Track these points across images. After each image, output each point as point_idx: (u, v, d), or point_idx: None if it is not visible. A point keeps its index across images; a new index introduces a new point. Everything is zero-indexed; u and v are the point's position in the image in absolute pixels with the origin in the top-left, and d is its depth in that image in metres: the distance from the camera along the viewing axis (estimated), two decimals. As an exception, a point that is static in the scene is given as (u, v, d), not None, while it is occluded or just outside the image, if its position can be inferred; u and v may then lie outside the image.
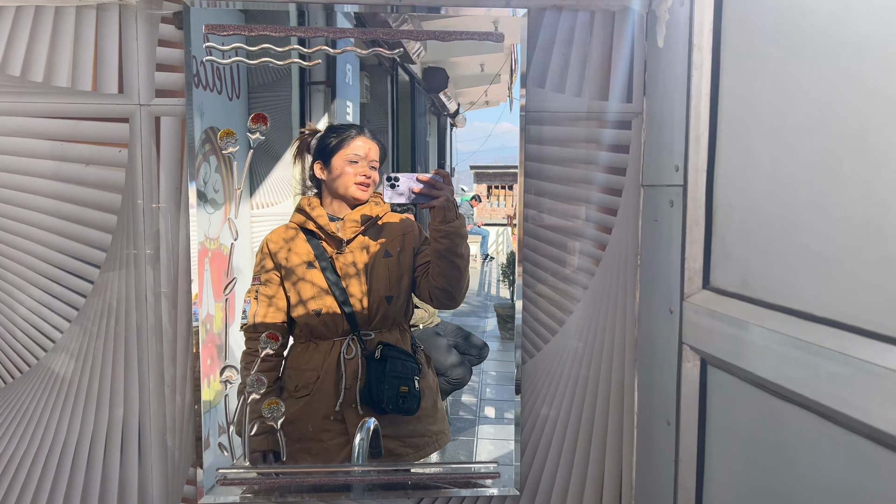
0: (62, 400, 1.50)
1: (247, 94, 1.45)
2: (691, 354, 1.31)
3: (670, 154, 1.36)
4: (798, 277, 1.01)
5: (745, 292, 1.15)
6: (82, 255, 1.47)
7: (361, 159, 1.50)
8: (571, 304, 1.56)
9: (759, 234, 1.11)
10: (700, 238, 1.28)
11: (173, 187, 1.46)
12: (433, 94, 1.55)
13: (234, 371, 1.47)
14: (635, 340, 1.57)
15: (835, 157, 0.93)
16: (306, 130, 1.51)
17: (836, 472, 0.93)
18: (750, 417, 1.14)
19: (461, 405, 1.60)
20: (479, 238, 1.65)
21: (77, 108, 1.43)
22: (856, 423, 0.87)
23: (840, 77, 0.92)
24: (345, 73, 1.53)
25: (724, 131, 1.23)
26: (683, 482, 1.35)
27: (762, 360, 1.07)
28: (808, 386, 0.95)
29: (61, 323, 1.48)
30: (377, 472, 1.49)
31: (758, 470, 1.12)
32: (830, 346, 0.91)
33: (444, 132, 1.60)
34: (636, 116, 1.51)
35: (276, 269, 1.51)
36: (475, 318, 1.60)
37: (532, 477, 1.60)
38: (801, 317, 1.00)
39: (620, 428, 1.60)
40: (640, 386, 1.57)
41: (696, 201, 1.28)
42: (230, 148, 1.41)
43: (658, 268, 1.44)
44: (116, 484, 1.53)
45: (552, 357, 1.57)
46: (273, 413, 1.47)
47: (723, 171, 1.24)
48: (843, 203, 0.92)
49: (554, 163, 1.52)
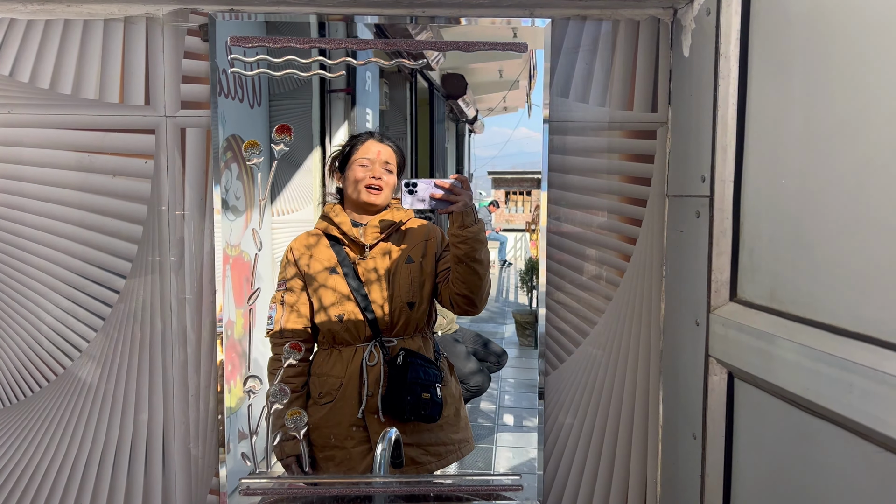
0: (88, 407, 1.52)
1: (268, 101, 1.46)
2: (718, 367, 1.29)
3: (697, 164, 1.35)
4: (829, 291, 0.99)
5: (774, 305, 1.13)
6: (108, 265, 1.49)
7: (371, 162, 1.50)
8: (596, 315, 1.55)
9: (788, 246, 1.09)
10: (727, 250, 1.26)
11: (198, 197, 1.47)
12: (452, 100, 1.55)
13: (258, 381, 1.47)
14: (660, 352, 1.55)
15: (867, 168, 0.91)
16: (338, 152, 1.54)
17: (868, 491, 0.91)
18: (779, 433, 1.12)
19: (480, 412, 1.59)
20: (497, 244, 1.64)
21: (104, 120, 1.45)
22: (890, 442, 0.85)
23: (870, 86, 0.90)
24: (364, 81, 1.53)
25: (752, 141, 1.21)
26: (710, 498, 1.33)
27: (792, 375, 1.04)
28: (841, 403, 0.93)
29: (87, 332, 1.50)
30: (399, 482, 1.49)
31: (786, 487, 1.10)
32: (864, 363, 0.89)
33: (463, 138, 1.60)
34: (661, 126, 1.50)
35: (299, 276, 1.51)
36: (493, 325, 1.59)
37: (556, 489, 1.58)
38: (832, 331, 0.98)
39: (645, 441, 1.58)
40: (666, 398, 1.55)
41: (722, 212, 1.26)
42: (255, 159, 1.42)
43: (684, 279, 1.42)
44: (141, 491, 1.54)
45: (576, 367, 1.56)
46: (296, 423, 1.47)
47: (751, 182, 1.22)
48: (875, 215, 0.90)
49: (577, 173, 1.51)
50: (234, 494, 1.51)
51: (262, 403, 1.48)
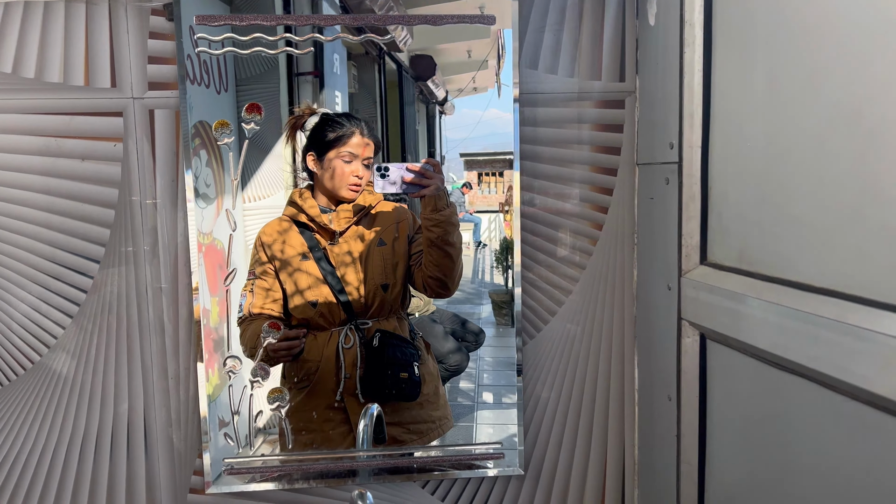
0: (66, 398, 1.51)
1: (235, 86, 1.45)
2: (690, 330, 1.32)
3: (665, 131, 1.37)
4: (794, 249, 1.02)
5: (743, 266, 1.16)
6: (81, 251, 1.47)
7: (356, 159, 1.49)
8: (570, 285, 1.57)
9: (754, 208, 1.12)
10: (696, 214, 1.29)
11: (169, 180, 1.46)
12: (421, 81, 1.55)
13: (238, 361, 1.47)
14: (634, 318, 1.58)
15: (829, 129, 0.94)
16: (303, 111, 1.49)
17: (837, 439, 0.94)
18: (750, 389, 1.15)
19: (459, 391, 1.61)
20: (471, 225, 1.66)
21: (70, 104, 1.43)
22: (856, 391, 0.88)
23: (832, 49, 0.92)
24: (332, 63, 1.52)
25: (718, 107, 1.23)
26: (686, 457, 1.37)
27: (761, 332, 1.08)
28: (807, 355, 0.96)
29: (63, 319, 1.49)
30: (382, 456, 1.51)
31: (759, 441, 1.13)
32: (829, 316, 0.92)
33: (434, 120, 1.60)
34: (629, 95, 1.52)
35: (271, 262, 1.51)
36: (470, 306, 1.60)
37: (536, 456, 1.61)
38: (798, 288, 1.01)
39: (622, 405, 1.61)
40: (641, 363, 1.58)
41: (691, 178, 1.29)
42: (225, 139, 1.41)
43: (655, 245, 1.45)
44: (124, 478, 1.54)
45: (552, 338, 1.58)
46: (279, 401, 1.48)
47: (718, 147, 1.24)
48: (837, 174, 0.92)
49: (549, 144, 1.52)
50: (219, 475, 1.51)
51: (243, 384, 1.48)
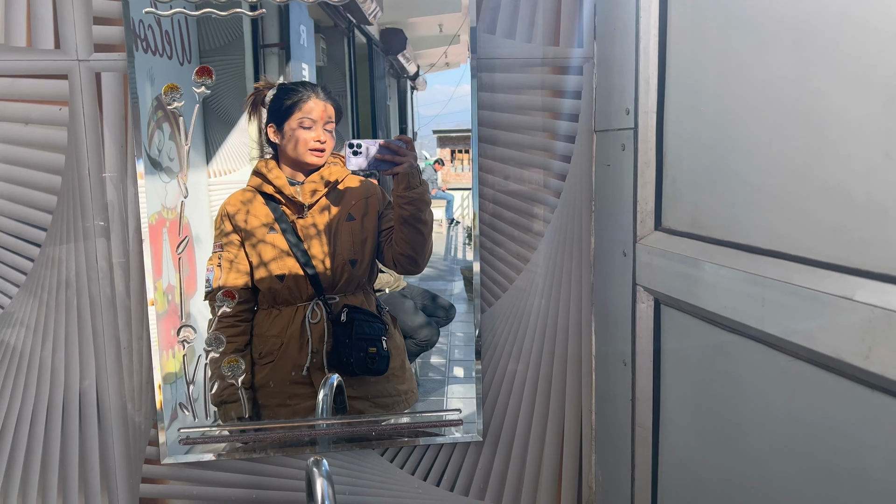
0: (14, 369, 1.47)
1: (198, 58, 1.41)
2: (645, 295, 1.33)
3: (621, 97, 1.37)
4: (745, 212, 1.03)
5: (696, 230, 1.17)
6: (28, 219, 1.43)
7: (315, 123, 1.46)
8: (528, 252, 1.57)
9: (707, 173, 1.13)
10: (651, 180, 1.30)
11: (118, 147, 1.42)
12: (392, 55, 1.53)
13: (192, 330, 1.45)
14: (591, 285, 1.60)
15: (775, 93, 0.94)
16: (261, 85, 1.47)
17: (781, 399, 0.96)
18: (701, 353, 1.17)
19: (430, 367, 1.62)
20: (443, 203, 1.65)
21: (12, 66, 1.38)
22: (800, 350, 0.90)
23: (782, 13, 0.93)
24: (299, 35, 1.49)
25: (673, 72, 1.23)
26: (640, 420, 1.39)
27: (712, 296, 1.09)
28: (755, 317, 0.98)
29: (9, 288, 1.45)
30: (341, 424, 1.50)
31: (709, 403, 1.16)
32: (775, 277, 0.93)
33: (405, 95, 1.57)
34: (587, 61, 1.51)
35: (236, 232, 1.48)
36: (442, 283, 1.60)
37: (494, 422, 1.62)
38: (748, 250, 1.02)
39: (579, 371, 1.63)
40: (598, 329, 1.60)
41: (646, 143, 1.29)
42: (175, 103, 1.38)
43: (612, 212, 1.46)
44: (77, 450, 1.52)
45: (509, 306, 1.59)
46: (234, 371, 1.47)
47: (672, 113, 1.25)
48: (782, 138, 0.93)
49: (507, 111, 1.51)
50: (175, 446, 1.50)
51: (198, 353, 1.46)
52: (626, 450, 1.44)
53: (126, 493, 1.55)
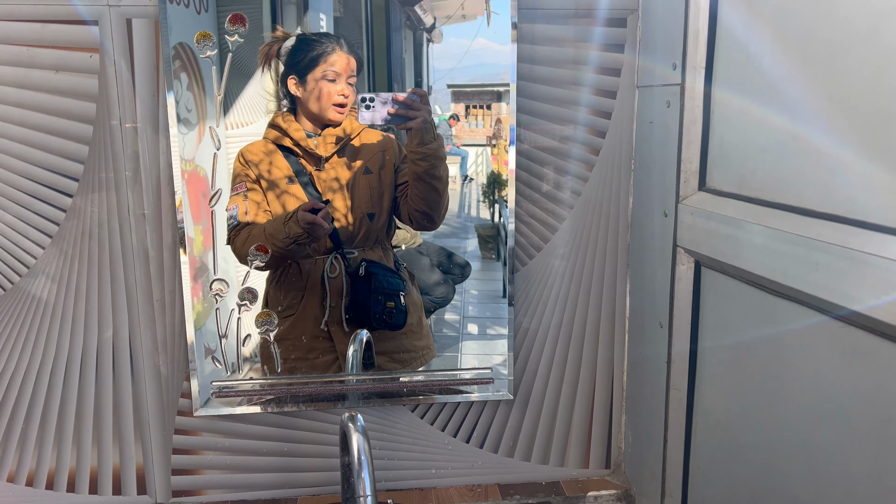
0: (48, 321, 1.48)
1: (216, 7, 1.37)
2: (685, 257, 1.30)
3: (667, 52, 1.32)
4: (798, 174, 0.99)
5: (743, 192, 1.13)
6: (59, 168, 1.42)
7: (339, 76, 1.43)
8: (564, 211, 1.54)
9: (757, 132, 1.09)
10: (697, 139, 1.25)
11: (149, 95, 1.40)
12: (408, 6, 1.48)
13: (225, 284, 1.45)
14: (627, 246, 1.57)
15: (840, 49, 0.89)
16: (277, 35, 1.42)
17: (831, 365, 0.94)
18: (744, 316, 1.15)
19: (445, 323, 1.61)
20: (458, 159, 1.62)
21: (43, 10, 1.35)
22: (855, 316, 0.87)
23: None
24: (317, -17, 1.45)
25: (724, 25, 1.18)
26: (675, 383, 1.37)
27: (759, 258, 1.06)
28: (806, 281, 0.95)
29: (42, 239, 1.44)
30: (372, 380, 1.50)
31: (751, 367, 1.13)
32: (831, 241, 0.90)
33: (421, 48, 1.53)
34: (631, 13, 1.45)
35: (258, 181, 1.46)
36: (456, 240, 1.59)
37: (525, 382, 1.62)
38: (801, 213, 0.99)
39: (612, 333, 1.61)
40: (633, 291, 1.57)
41: (693, 100, 1.25)
42: (208, 52, 1.35)
43: (653, 171, 1.42)
44: (111, 401, 1.54)
45: (543, 265, 1.57)
46: (267, 325, 1.46)
47: (721, 68, 1.20)
48: (845, 96, 0.89)
49: (546, 64, 1.47)
50: (207, 399, 1.51)
51: (231, 307, 1.46)
52: (660, 412, 1.43)
53: (160, 443, 1.57)
